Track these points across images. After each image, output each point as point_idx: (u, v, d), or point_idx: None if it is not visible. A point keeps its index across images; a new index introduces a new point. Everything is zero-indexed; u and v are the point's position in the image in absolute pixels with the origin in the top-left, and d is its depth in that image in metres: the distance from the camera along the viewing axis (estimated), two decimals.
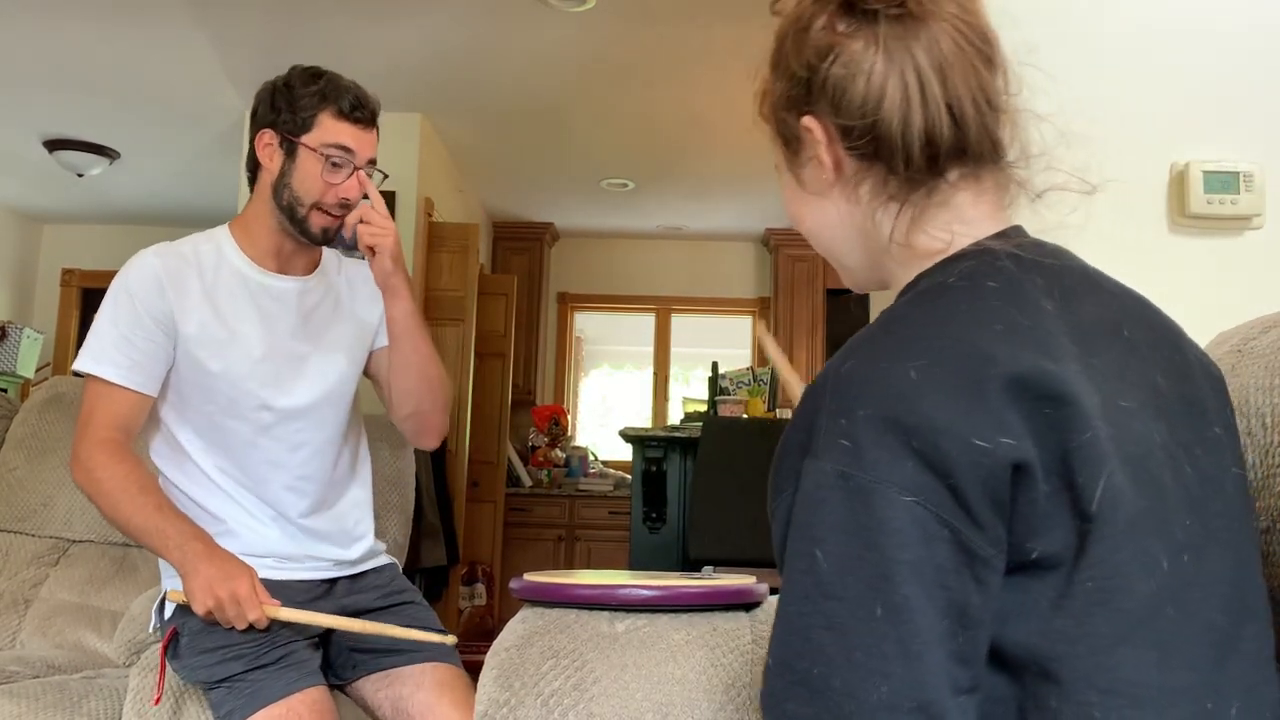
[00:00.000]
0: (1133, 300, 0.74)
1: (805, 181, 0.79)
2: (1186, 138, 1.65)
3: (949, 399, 0.61)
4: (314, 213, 1.56)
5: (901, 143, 0.71)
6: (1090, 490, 0.61)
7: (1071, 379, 0.62)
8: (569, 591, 1.10)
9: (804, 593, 0.63)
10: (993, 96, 0.73)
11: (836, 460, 0.62)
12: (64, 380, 2.45)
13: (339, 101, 1.55)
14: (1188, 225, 1.63)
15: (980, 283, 0.67)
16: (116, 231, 6.11)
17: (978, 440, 0.60)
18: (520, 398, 5.71)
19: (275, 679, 1.42)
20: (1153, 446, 0.65)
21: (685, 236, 6.20)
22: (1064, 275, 0.70)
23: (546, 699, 1.02)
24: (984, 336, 0.63)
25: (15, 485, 2.25)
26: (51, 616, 2.10)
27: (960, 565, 0.60)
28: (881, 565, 0.60)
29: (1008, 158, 0.75)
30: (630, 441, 3.70)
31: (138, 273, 1.53)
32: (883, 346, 0.65)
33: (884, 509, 0.60)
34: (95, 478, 1.46)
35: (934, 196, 0.73)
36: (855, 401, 0.63)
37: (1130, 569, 0.61)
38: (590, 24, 3.39)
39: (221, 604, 1.37)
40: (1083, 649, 0.61)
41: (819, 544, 0.62)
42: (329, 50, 3.62)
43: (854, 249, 0.79)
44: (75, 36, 3.55)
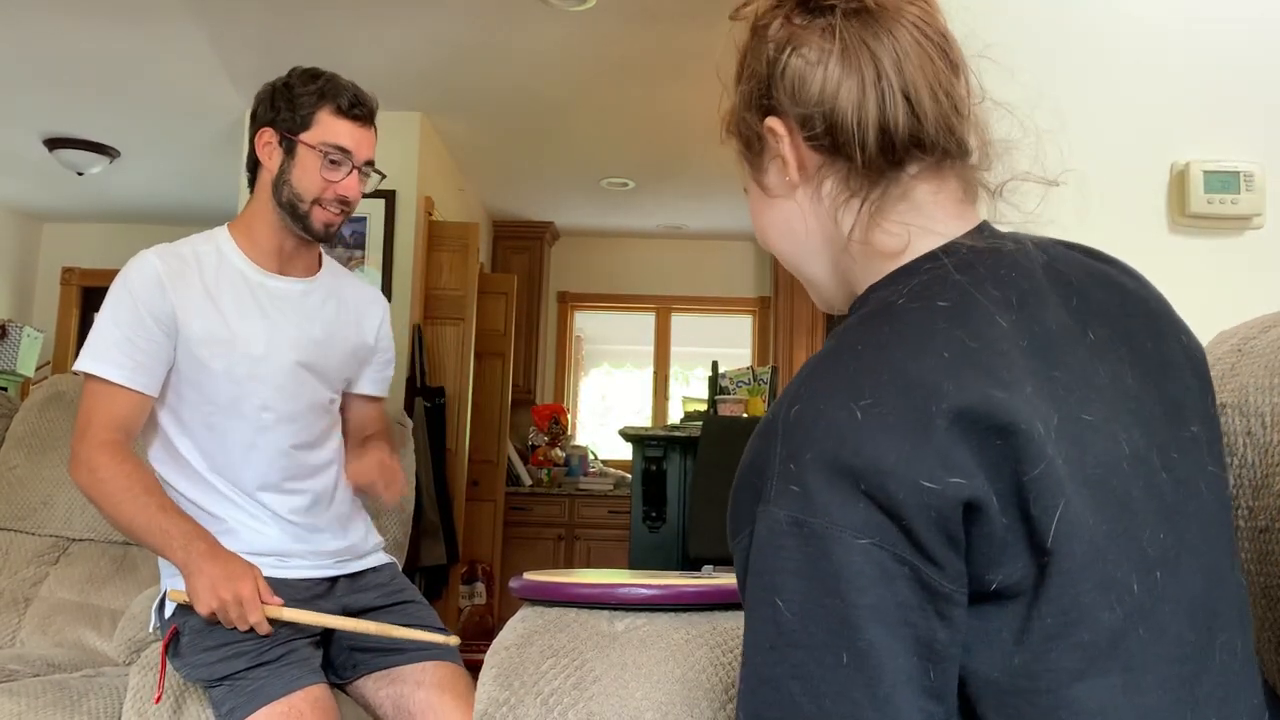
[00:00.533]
0: (1105, 285, 0.72)
1: (769, 186, 0.77)
2: (1187, 137, 1.65)
3: (894, 439, 0.59)
4: (315, 208, 1.57)
5: (857, 131, 0.69)
6: (1045, 523, 0.60)
7: (1021, 407, 0.60)
8: (569, 590, 1.10)
9: (769, 643, 0.62)
10: (953, 92, 0.71)
11: (789, 507, 0.61)
12: (64, 379, 2.45)
13: (337, 99, 1.56)
14: (1188, 225, 1.63)
15: (929, 303, 0.65)
16: (116, 230, 6.11)
17: (925, 481, 0.59)
18: (520, 397, 5.71)
19: (277, 677, 1.42)
20: (1119, 461, 0.63)
21: (685, 236, 6.20)
22: (1024, 279, 0.68)
23: (546, 698, 1.02)
24: (929, 367, 0.61)
25: (15, 484, 2.25)
26: (51, 615, 2.10)
27: (923, 602, 0.60)
28: (842, 611, 0.59)
29: (972, 158, 0.73)
30: (630, 441, 3.70)
31: (139, 273, 1.53)
32: (828, 383, 0.63)
33: (840, 554, 0.59)
34: (97, 478, 1.46)
35: (892, 190, 0.71)
36: (802, 445, 0.61)
37: (1090, 600, 0.60)
38: (591, 23, 3.39)
39: (225, 605, 1.37)
40: (1043, 684, 0.61)
41: (778, 593, 0.61)
42: (329, 49, 3.62)
43: (819, 257, 0.77)
44: (75, 35, 3.55)
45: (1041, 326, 0.66)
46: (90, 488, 1.47)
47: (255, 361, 1.56)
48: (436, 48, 3.63)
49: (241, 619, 1.38)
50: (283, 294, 1.61)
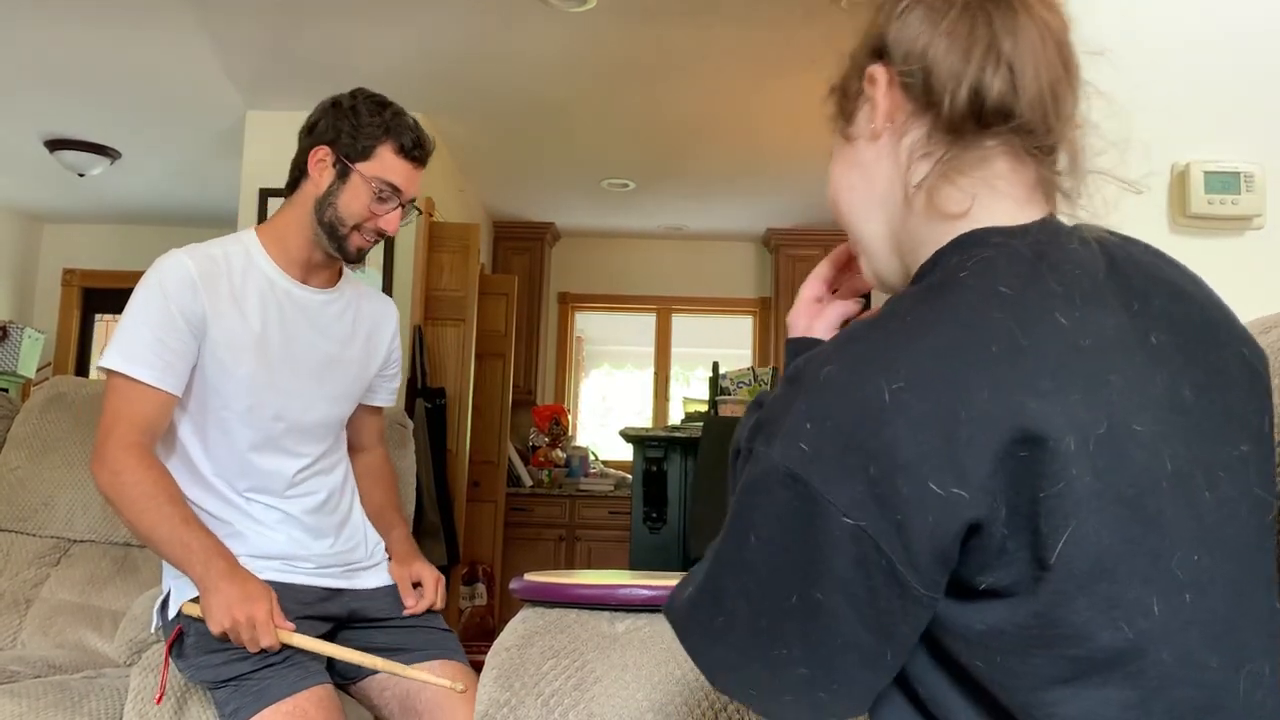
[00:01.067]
0: (1169, 292, 0.71)
1: (853, 133, 0.78)
2: (1187, 138, 1.65)
3: (916, 434, 0.59)
4: (354, 234, 1.58)
5: (950, 83, 0.70)
6: (1052, 541, 0.59)
7: (1055, 417, 0.59)
8: (569, 591, 1.10)
9: (728, 560, 0.66)
10: (1058, 88, 0.71)
11: (792, 461, 0.61)
12: (65, 380, 2.46)
13: (401, 138, 1.58)
14: (1188, 225, 1.63)
15: (992, 285, 0.64)
16: (117, 231, 6.12)
17: (934, 486, 0.58)
18: (521, 398, 5.71)
19: (282, 677, 1.42)
20: (1159, 480, 0.61)
21: (686, 236, 6.20)
22: (1087, 279, 0.67)
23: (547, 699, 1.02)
24: (970, 363, 0.60)
25: (16, 485, 2.25)
26: (52, 616, 2.10)
27: (894, 593, 0.60)
28: (807, 567, 0.61)
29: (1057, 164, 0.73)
30: (631, 441, 3.70)
31: (172, 273, 1.51)
32: (868, 351, 0.63)
33: (825, 522, 0.60)
34: (122, 481, 1.44)
35: (970, 153, 0.71)
36: (824, 409, 0.62)
37: (1086, 619, 0.60)
38: (591, 24, 3.39)
39: (238, 626, 1.37)
40: (1024, 683, 0.61)
41: (753, 529, 0.64)
42: (330, 50, 3.63)
43: (879, 214, 0.76)
44: (76, 36, 3.55)
45: (1101, 328, 0.64)
46: (112, 490, 1.45)
47: (274, 370, 1.57)
48: (437, 49, 3.63)
49: (253, 641, 1.38)
50: (305, 303, 1.62)
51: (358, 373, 1.70)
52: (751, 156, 4.68)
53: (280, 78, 3.90)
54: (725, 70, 3.73)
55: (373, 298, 1.77)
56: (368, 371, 1.72)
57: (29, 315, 6.00)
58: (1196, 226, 1.63)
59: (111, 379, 1.50)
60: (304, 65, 3.77)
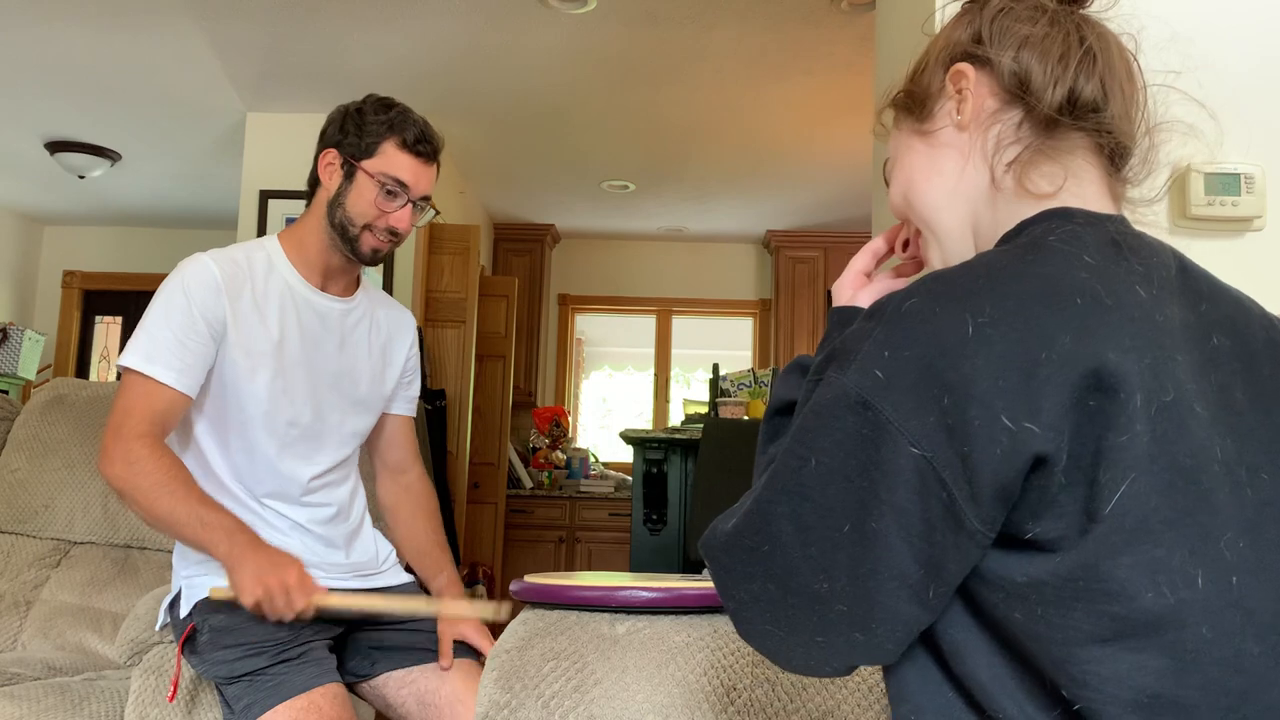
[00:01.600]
0: (1232, 301, 0.73)
1: (932, 128, 0.81)
2: (1187, 139, 1.65)
3: (995, 367, 0.59)
4: (365, 233, 1.58)
5: (1048, 80, 0.74)
6: (1109, 492, 0.60)
7: (1132, 372, 0.60)
8: (570, 593, 1.10)
9: (783, 486, 0.65)
10: (1130, 106, 0.77)
11: (863, 386, 0.62)
12: (65, 382, 2.46)
13: (404, 132, 1.58)
14: (1188, 227, 1.63)
15: (1077, 253, 0.66)
16: (118, 233, 6.12)
17: (1007, 420, 0.59)
18: (521, 399, 5.71)
19: (297, 673, 1.43)
20: (1211, 460, 0.63)
21: (686, 238, 6.20)
22: (1161, 270, 0.69)
23: (547, 701, 1.02)
24: (1056, 309, 0.61)
25: (16, 487, 2.25)
26: (53, 618, 2.10)
27: (948, 528, 0.61)
28: (866, 494, 0.61)
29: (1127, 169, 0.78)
30: (631, 443, 3.70)
31: (195, 276, 1.51)
32: (954, 288, 0.64)
33: (890, 451, 0.61)
34: (134, 470, 1.41)
35: (1059, 142, 0.75)
36: (903, 338, 0.62)
37: (1127, 576, 0.60)
38: (591, 26, 3.39)
39: (271, 593, 1.34)
40: (1060, 637, 0.61)
41: (815, 453, 0.63)
42: (330, 52, 3.63)
43: (961, 206, 0.79)
44: (76, 38, 3.55)
45: (1169, 316, 0.66)
46: (125, 480, 1.42)
47: (290, 376, 1.57)
48: (437, 51, 3.63)
49: (288, 606, 1.34)
50: (324, 311, 1.62)
51: (372, 383, 1.69)
52: (751, 158, 4.69)
53: (280, 80, 3.91)
54: (725, 72, 3.73)
55: (390, 307, 1.77)
56: (383, 382, 1.72)
57: (29, 317, 6.00)
58: (1196, 228, 1.63)
59: (127, 376, 1.49)
60: (304, 67, 3.78)
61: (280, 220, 4.12)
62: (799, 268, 5.87)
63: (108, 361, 6.22)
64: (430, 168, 1.61)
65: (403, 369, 1.76)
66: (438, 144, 1.62)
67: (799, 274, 5.88)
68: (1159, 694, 0.60)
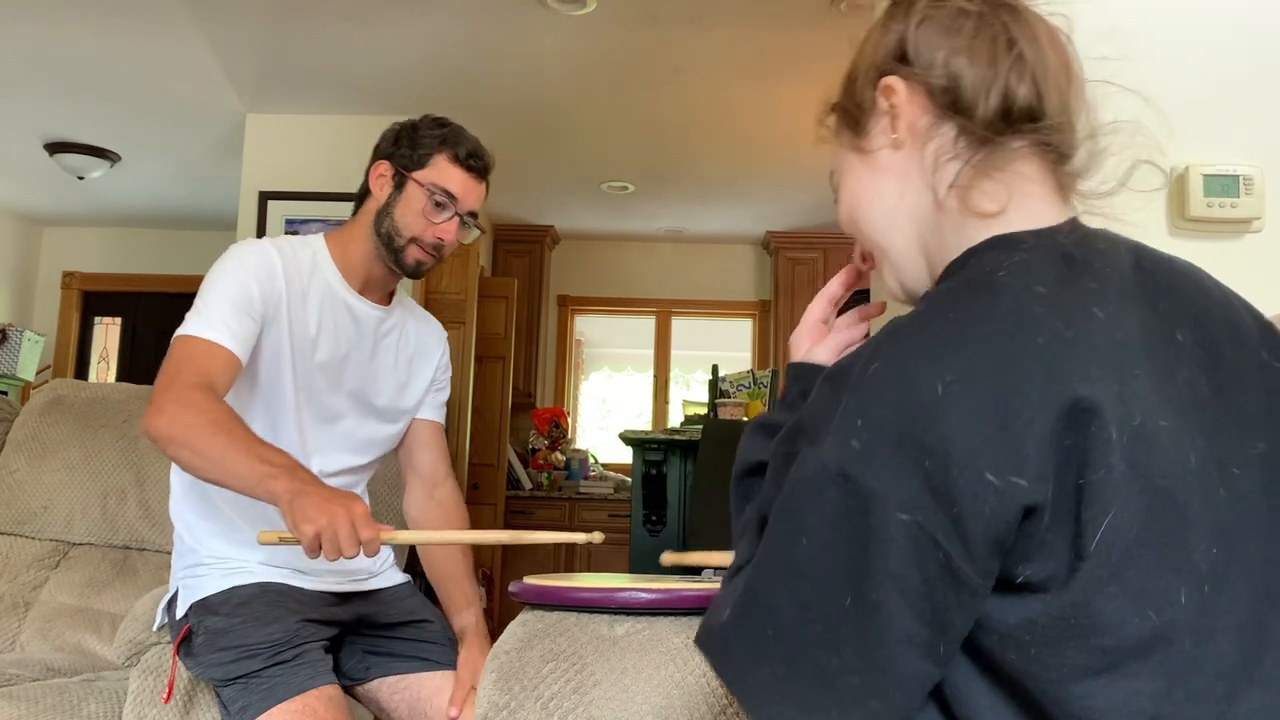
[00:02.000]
0: (1193, 289, 0.72)
1: (869, 145, 0.79)
2: (1186, 141, 1.65)
3: (971, 425, 0.59)
4: (411, 246, 1.58)
5: (980, 93, 0.72)
6: (1092, 529, 0.60)
7: (1105, 404, 0.60)
8: (569, 594, 1.10)
9: (776, 570, 0.64)
10: (1069, 97, 0.74)
11: (842, 459, 0.61)
12: (64, 383, 2.46)
13: (457, 147, 1.59)
14: (1187, 228, 1.64)
15: (1029, 285, 0.64)
16: (117, 234, 6.12)
17: (991, 476, 0.58)
18: (520, 400, 5.71)
19: (292, 676, 1.43)
20: (1185, 472, 0.63)
21: (685, 239, 6.20)
22: (1117, 276, 0.68)
23: (546, 702, 1.02)
24: (1020, 355, 0.61)
25: (15, 488, 2.25)
26: (51, 619, 2.10)
27: (948, 587, 0.60)
28: (862, 566, 0.60)
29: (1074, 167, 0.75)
30: (630, 444, 3.70)
31: (256, 255, 1.52)
32: (915, 347, 0.63)
33: (879, 520, 0.60)
34: (190, 410, 1.33)
35: (997, 156, 0.73)
36: (875, 405, 0.62)
37: (1116, 607, 0.60)
38: (590, 27, 3.39)
39: (335, 520, 1.22)
40: (1054, 675, 0.61)
41: (805, 532, 0.63)
42: (329, 54, 3.63)
43: (906, 225, 0.77)
44: (76, 39, 3.55)
45: (1130, 325, 0.65)
46: (177, 421, 1.33)
47: (314, 374, 1.57)
48: (436, 52, 3.63)
49: (351, 538, 1.22)
50: (360, 315, 1.63)
51: (393, 395, 1.69)
52: (751, 159, 4.69)
53: (280, 81, 3.91)
54: (725, 73, 3.73)
55: (421, 320, 1.77)
56: (404, 396, 1.71)
57: (28, 318, 6.00)
58: (1195, 229, 1.64)
59: (177, 341, 1.45)
60: (304, 68, 3.78)
61: (280, 222, 4.12)
62: (798, 269, 5.87)
63: (107, 363, 6.21)
64: (480, 185, 1.62)
65: (431, 379, 1.75)
66: (489, 162, 1.64)
67: (798, 275, 5.88)
68: (1155, 716, 0.61)
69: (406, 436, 1.76)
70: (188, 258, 5.91)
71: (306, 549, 1.23)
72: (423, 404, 1.76)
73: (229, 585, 1.52)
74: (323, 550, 1.22)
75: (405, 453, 1.77)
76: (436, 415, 1.79)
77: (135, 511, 2.22)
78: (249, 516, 1.55)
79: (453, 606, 1.72)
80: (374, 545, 1.25)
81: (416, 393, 1.73)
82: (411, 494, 1.78)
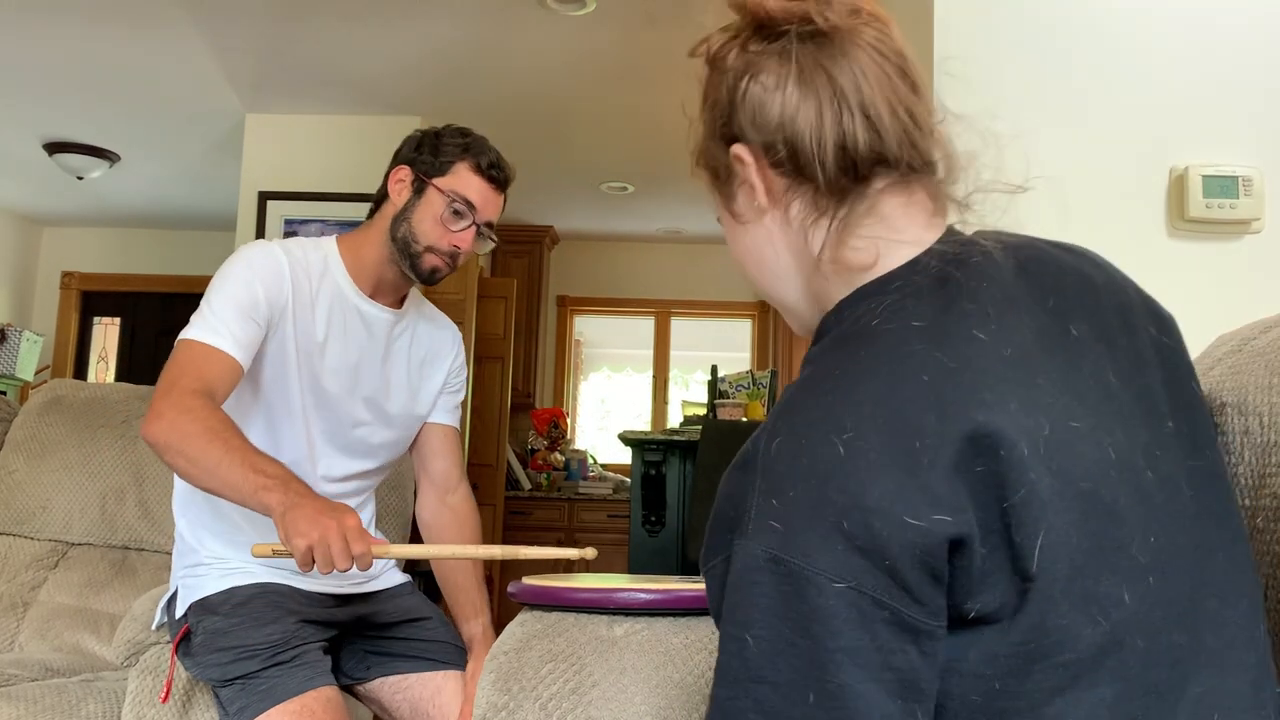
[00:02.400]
0: (1078, 281, 0.72)
1: (739, 213, 0.77)
2: (1186, 142, 1.65)
3: (879, 475, 0.58)
4: (428, 254, 1.58)
5: (817, 151, 0.70)
6: (1028, 549, 0.59)
7: (1005, 426, 0.60)
8: (568, 595, 1.10)
9: (734, 677, 0.61)
10: (914, 110, 0.72)
11: (767, 544, 0.60)
12: (63, 383, 2.45)
13: (479, 157, 1.60)
14: (1187, 229, 1.64)
15: (904, 323, 0.65)
16: (116, 234, 6.12)
17: (911, 519, 0.58)
18: (519, 401, 5.71)
19: (290, 677, 1.43)
20: (1107, 469, 0.62)
21: (685, 240, 6.20)
22: (996, 289, 0.67)
23: (545, 703, 1.02)
24: (909, 396, 0.61)
25: (14, 488, 2.25)
26: (50, 619, 2.09)
27: (904, 643, 0.59)
28: (814, 652, 0.59)
29: (938, 174, 0.73)
30: (629, 445, 3.70)
31: (263, 258, 1.51)
32: (809, 413, 0.63)
33: (815, 596, 0.58)
34: (187, 416, 1.33)
35: (858, 206, 0.71)
36: (783, 481, 0.61)
37: (1070, 620, 0.60)
38: (590, 27, 3.39)
39: (327, 534, 1.22)
40: (1024, 703, 0.61)
41: (749, 629, 0.61)
42: (329, 54, 3.63)
43: (791, 281, 0.77)
44: (75, 39, 3.55)
45: (1020, 335, 0.65)
46: (174, 427, 1.33)
47: (323, 378, 1.56)
48: (435, 52, 3.63)
49: (343, 553, 1.22)
50: (371, 319, 1.62)
51: (405, 400, 1.68)
52: None
53: (279, 81, 3.91)
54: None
55: (434, 322, 1.75)
56: (415, 401, 1.70)
57: (27, 318, 6.00)
58: (1195, 230, 1.64)
59: (180, 344, 1.45)
60: (303, 69, 3.77)
61: (279, 222, 4.12)
62: None
63: (106, 363, 6.21)
64: (499, 196, 1.63)
65: (444, 383, 1.74)
66: (510, 173, 1.65)
67: None
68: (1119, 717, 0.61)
69: (419, 441, 1.74)
70: (187, 258, 5.92)
71: (299, 562, 1.23)
72: (436, 407, 1.74)
73: (228, 585, 1.52)
74: (315, 564, 1.22)
75: (418, 457, 1.76)
76: (450, 419, 1.77)
77: (134, 511, 2.22)
78: (252, 517, 1.54)
79: (461, 615, 1.72)
80: (366, 559, 1.24)
81: (429, 397, 1.72)
82: (424, 498, 1.77)
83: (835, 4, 0.72)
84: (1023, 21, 1.70)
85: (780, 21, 0.73)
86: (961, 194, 0.74)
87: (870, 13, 0.73)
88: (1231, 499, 0.73)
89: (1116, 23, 1.69)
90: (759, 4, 0.74)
